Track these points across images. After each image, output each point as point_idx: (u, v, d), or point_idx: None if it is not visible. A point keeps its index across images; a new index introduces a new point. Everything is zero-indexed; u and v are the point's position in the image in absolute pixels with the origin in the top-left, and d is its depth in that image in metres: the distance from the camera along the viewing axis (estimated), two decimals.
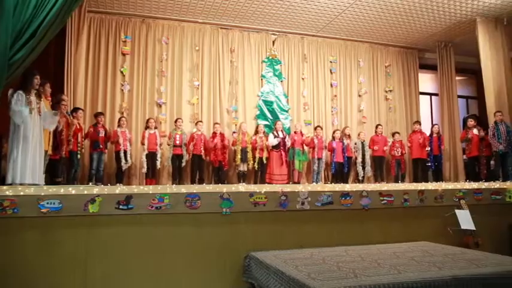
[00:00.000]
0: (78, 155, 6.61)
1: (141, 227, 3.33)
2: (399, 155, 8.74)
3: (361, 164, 8.64)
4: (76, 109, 6.85)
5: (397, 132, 9.12)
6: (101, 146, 7.02)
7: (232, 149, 8.16)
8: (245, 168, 8.05)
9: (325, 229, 3.86)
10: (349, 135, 8.74)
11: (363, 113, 9.75)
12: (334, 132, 8.67)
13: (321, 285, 2.29)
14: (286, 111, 9.14)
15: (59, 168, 6.08)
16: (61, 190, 3.25)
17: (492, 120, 7.70)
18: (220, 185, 6.28)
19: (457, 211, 4.22)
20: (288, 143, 8.28)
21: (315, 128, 8.74)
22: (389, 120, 9.86)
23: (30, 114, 4.56)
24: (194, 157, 7.72)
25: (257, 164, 8.05)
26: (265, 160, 8.08)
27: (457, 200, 4.41)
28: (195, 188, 3.82)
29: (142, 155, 7.46)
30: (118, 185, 6.17)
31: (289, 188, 3.99)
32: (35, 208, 3.07)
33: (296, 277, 2.51)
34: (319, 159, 8.38)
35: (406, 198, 4.21)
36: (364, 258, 3.07)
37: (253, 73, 9.08)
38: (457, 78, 10.08)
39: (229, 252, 3.51)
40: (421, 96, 10.48)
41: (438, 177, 8.43)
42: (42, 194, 3.13)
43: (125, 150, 7.23)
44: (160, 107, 8.33)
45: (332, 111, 9.55)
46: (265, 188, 3.84)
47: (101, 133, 7.06)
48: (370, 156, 8.78)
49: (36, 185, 4.40)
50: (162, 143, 7.69)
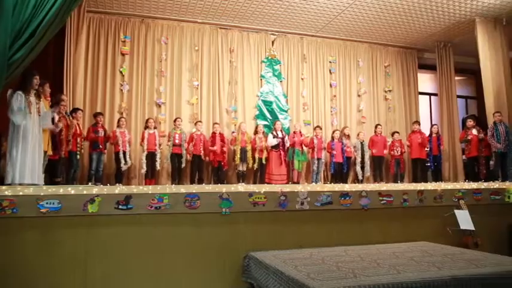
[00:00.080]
0: (78, 155, 6.61)
1: (140, 227, 3.33)
2: (399, 154, 8.75)
3: (361, 164, 8.65)
4: (75, 110, 6.85)
5: (397, 132, 9.12)
6: (100, 146, 7.01)
7: (231, 149, 8.16)
8: (244, 168, 8.05)
9: (324, 229, 3.86)
10: (349, 135, 8.76)
11: (362, 113, 9.74)
12: (333, 132, 8.68)
13: (320, 285, 2.29)
14: (286, 112, 9.14)
15: (58, 168, 6.08)
16: (60, 190, 3.25)
17: (491, 121, 7.71)
18: (219, 185, 6.28)
19: (457, 211, 4.23)
20: (287, 143, 8.29)
21: (314, 128, 8.73)
22: (388, 120, 9.86)
23: (29, 115, 4.56)
24: (194, 157, 7.73)
25: (257, 164, 8.06)
26: (264, 161, 8.10)
27: (457, 200, 4.42)
28: (195, 188, 3.82)
29: (142, 156, 7.44)
30: (117, 185, 6.17)
31: (289, 188, 3.99)
32: (34, 208, 3.07)
33: (295, 277, 2.51)
34: (318, 159, 8.39)
35: (406, 199, 4.21)
36: (363, 258, 3.08)
37: (253, 73, 9.07)
38: (456, 78, 10.09)
39: (229, 252, 3.51)
40: (420, 96, 10.49)
41: (437, 178, 8.43)
42: (42, 194, 3.13)
43: (124, 151, 7.23)
44: (160, 107, 8.33)
45: (331, 111, 9.55)
46: (265, 188, 3.84)
47: (100, 133, 7.06)
48: (369, 156, 8.78)
49: (36, 185, 4.40)
50: (161, 143, 7.68)
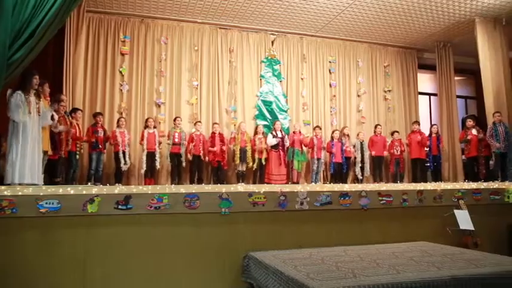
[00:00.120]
0: (77, 155, 6.62)
1: (140, 227, 3.33)
2: (398, 153, 8.74)
3: (360, 164, 8.65)
4: (75, 110, 6.85)
5: (396, 131, 9.12)
6: (99, 146, 7.01)
7: (231, 149, 8.16)
8: (244, 168, 8.05)
9: (324, 229, 3.86)
10: (348, 135, 8.76)
11: (361, 113, 9.75)
12: (333, 132, 8.68)
13: (319, 285, 2.29)
14: (285, 112, 9.14)
15: (58, 168, 6.08)
16: (60, 190, 3.25)
17: (491, 121, 7.71)
18: (219, 185, 6.27)
19: (456, 211, 4.22)
20: (286, 142, 8.29)
21: (314, 128, 8.74)
22: (388, 120, 9.87)
23: (29, 114, 4.56)
24: (193, 157, 7.72)
25: (256, 165, 8.05)
26: (264, 161, 8.09)
27: (456, 200, 4.41)
28: (194, 188, 3.82)
29: (142, 155, 7.44)
30: (117, 185, 6.16)
31: (288, 188, 3.99)
32: (34, 208, 3.07)
33: (295, 277, 2.50)
34: (318, 159, 8.39)
35: (405, 199, 4.21)
36: (363, 258, 3.07)
37: (252, 73, 9.07)
38: (456, 78, 10.09)
39: (228, 252, 3.51)
40: (420, 96, 10.49)
41: (437, 178, 8.43)
42: (41, 194, 3.13)
43: (123, 151, 7.22)
44: (159, 107, 8.33)
45: (331, 111, 9.55)
46: (264, 188, 3.84)
47: (100, 133, 7.06)
48: (369, 156, 8.78)
49: (35, 185, 4.40)
50: (161, 142, 7.66)
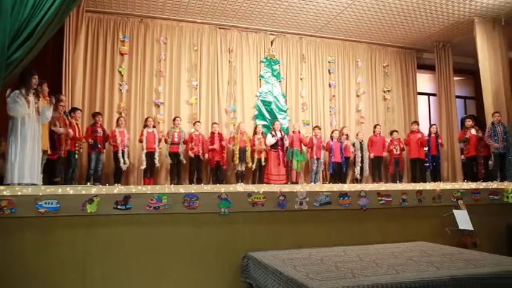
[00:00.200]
0: (76, 155, 6.61)
1: (139, 227, 3.33)
2: (398, 153, 8.75)
3: (360, 164, 8.65)
4: (74, 109, 6.84)
5: (395, 131, 9.12)
6: (99, 146, 7.00)
7: (230, 148, 8.16)
8: (243, 168, 8.04)
9: (323, 229, 3.86)
10: (347, 135, 8.76)
11: (361, 113, 9.75)
12: (332, 132, 8.69)
13: (319, 285, 2.29)
14: (285, 112, 9.14)
15: (57, 168, 6.08)
16: (59, 190, 3.24)
17: (490, 121, 7.71)
18: (218, 185, 6.28)
19: (455, 211, 4.23)
20: (286, 142, 8.28)
21: (313, 128, 8.73)
22: (387, 120, 9.87)
23: (28, 114, 4.55)
24: (192, 157, 7.71)
25: (256, 165, 8.05)
26: (263, 162, 8.09)
27: (455, 200, 4.42)
28: (193, 188, 3.81)
29: (141, 155, 7.43)
30: (116, 185, 6.16)
31: (288, 188, 3.99)
32: (33, 208, 3.06)
33: (294, 277, 2.50)
34: (317, 159, 8.39)
35: (404, 199, 4.22)
36: (362, 258, 3.08)
37: (252, 73, 9.06)
38: (455, 78, 10.10)
39: (228, 252, 3.51)
40: (419, 96, 10.49)
41: (436, 178, 8.44)
42: (40, 194, 3.13)
43: (122, 151, 7.21)
44: (159, 107, 8.32)
45: (330, 111, 9.54)
46: (264, 188, 3.84)
47: (99, 133, 7.05)
48: (368, 156, 8.77)
49: (34, 184, 4.39)
50: (160, 140, 7.64)
